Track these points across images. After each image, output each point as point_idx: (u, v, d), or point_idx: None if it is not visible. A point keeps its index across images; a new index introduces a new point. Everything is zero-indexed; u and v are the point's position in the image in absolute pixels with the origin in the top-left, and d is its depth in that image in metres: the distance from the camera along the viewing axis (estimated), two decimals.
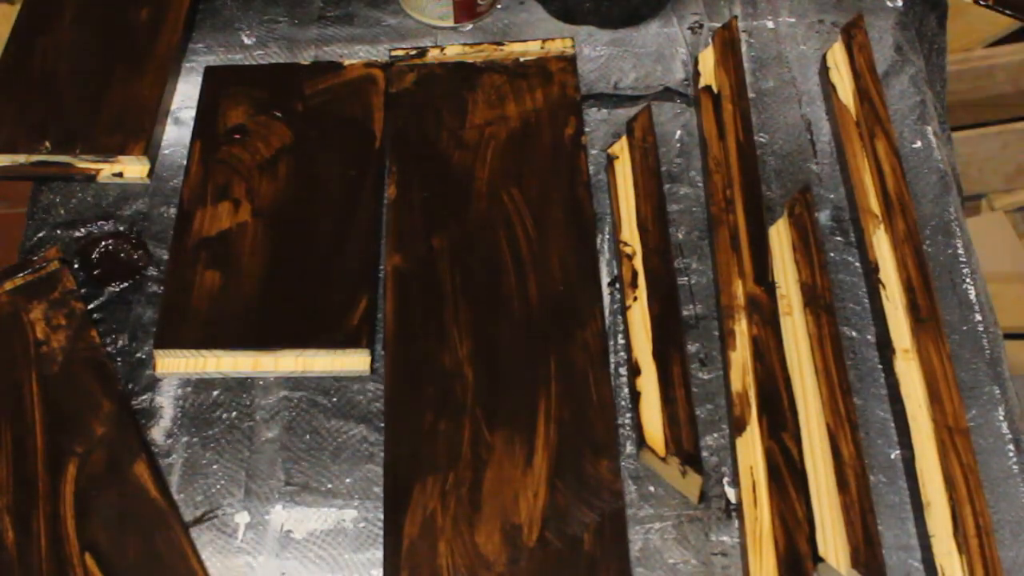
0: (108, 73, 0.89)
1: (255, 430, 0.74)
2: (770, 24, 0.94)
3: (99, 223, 0.84)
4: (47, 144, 0.85)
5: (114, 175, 0.86)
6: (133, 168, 0.85)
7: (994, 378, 0.75)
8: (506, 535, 0.67)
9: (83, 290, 0.80)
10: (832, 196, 0.84)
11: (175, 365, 0.76)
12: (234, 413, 0.75)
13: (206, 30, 0.95)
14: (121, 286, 0.81)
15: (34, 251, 0.82)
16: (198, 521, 0.71)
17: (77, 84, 0.89)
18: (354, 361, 0.76)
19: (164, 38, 0.91)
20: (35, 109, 0.87)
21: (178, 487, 0.72)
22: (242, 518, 0.71)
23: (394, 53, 0.90)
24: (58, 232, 0.84)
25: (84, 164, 0.85)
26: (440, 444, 0.71)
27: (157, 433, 0.74)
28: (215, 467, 0.73)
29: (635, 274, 0.78)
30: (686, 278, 0.80)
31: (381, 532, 0.69)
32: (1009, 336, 1.01)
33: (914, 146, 0.86)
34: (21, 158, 0.85)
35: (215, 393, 0.76)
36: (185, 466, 0.73)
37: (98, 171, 0.85)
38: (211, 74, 0.90)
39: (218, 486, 0.72)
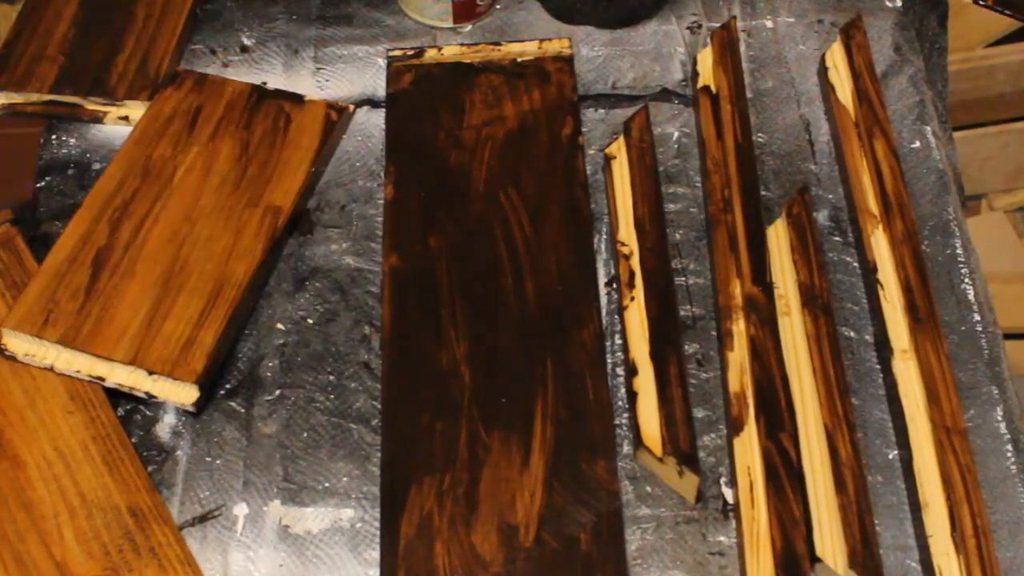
0: (124, 23, 0.91)
1: (255, 429, 0.74)
2: (769, 24, 0.94)
3: None
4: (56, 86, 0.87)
5: (120, 119, 0.88)
6: (136, 112, 0.88)
7: (992, 378, 0.75)
8: (503, 535, 0.67)
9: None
10: (830, 196, 0.84)
11: (20, 347, 0.74)
12: (234, 412, 0.75)
13: (206, 31, 0.95)
14: None
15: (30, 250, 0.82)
16: (202, 519, 0.71)
17: (92, 32, 0.91)
18: (180, 392, 0.73)
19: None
20: (50, 52, 0.89)
21: (182, 486, 0.72)
22: (240, 509, 0.71)
23: (392, 53, 0.90)
24: (56, 224, 0.84)
25: (93, 106, 0.88)
26: (437, 444, 0.71)
27: (161, 431, 0.75)
28: (218, 462, 0.73)
29: (632, 274, 0.78)
30: (684, 278, 0.80)
31: (378, 532, 0.69)
32: (1009, 336, 1.01)
33: (913, 146, 0.86)
34: (33, 96, 0.88)
35: (215, 394, 0.76)
36: (189, 464, 0.73)
37: (105, 113, 0.88)
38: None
39: (219, 484, 0.72)
